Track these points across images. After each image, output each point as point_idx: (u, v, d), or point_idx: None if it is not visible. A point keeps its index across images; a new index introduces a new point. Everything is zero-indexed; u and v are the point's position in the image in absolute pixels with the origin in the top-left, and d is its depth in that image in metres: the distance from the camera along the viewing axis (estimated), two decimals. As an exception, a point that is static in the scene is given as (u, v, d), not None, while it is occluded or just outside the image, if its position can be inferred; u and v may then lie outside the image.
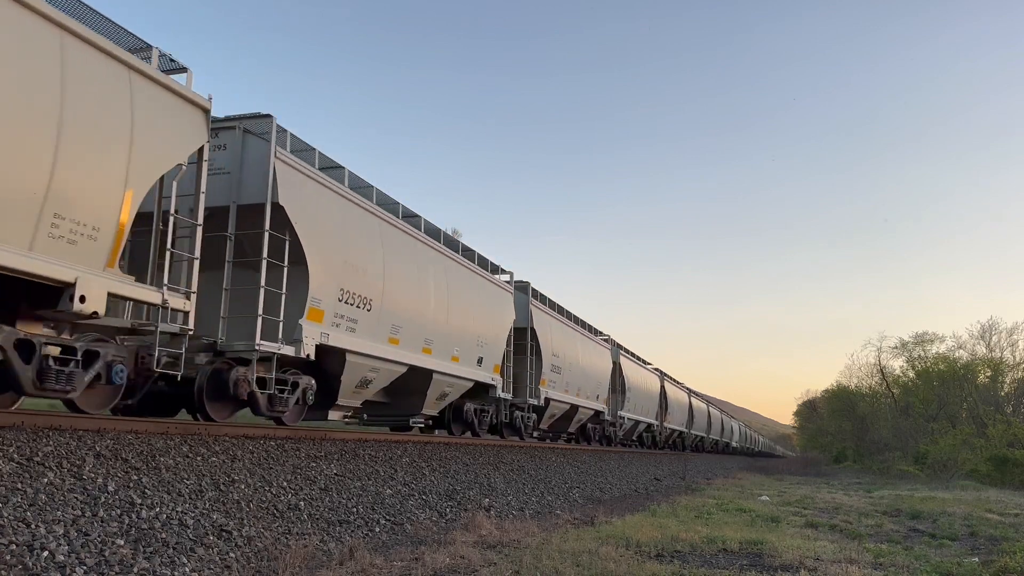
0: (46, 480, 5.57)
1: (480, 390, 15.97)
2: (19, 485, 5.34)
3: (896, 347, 58.22)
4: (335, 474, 8.76)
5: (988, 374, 47.98)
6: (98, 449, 6.44)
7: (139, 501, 5.89)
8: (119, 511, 5.61)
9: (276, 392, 9.71)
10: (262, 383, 9.54)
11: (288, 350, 9.58)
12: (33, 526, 4.92)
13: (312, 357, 9.95)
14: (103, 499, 5.68)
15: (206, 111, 8.41)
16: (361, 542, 6.90)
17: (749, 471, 35.02)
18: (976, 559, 7.91)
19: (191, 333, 8.25)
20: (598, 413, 24.96)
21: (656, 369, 36.23)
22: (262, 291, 9.24)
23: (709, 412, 50.29)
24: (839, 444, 65.02)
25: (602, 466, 19.19)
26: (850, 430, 62.89)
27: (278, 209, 9.41)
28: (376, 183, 12.20)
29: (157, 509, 5.92)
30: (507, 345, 17.12)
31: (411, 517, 8.56)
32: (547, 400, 19.43)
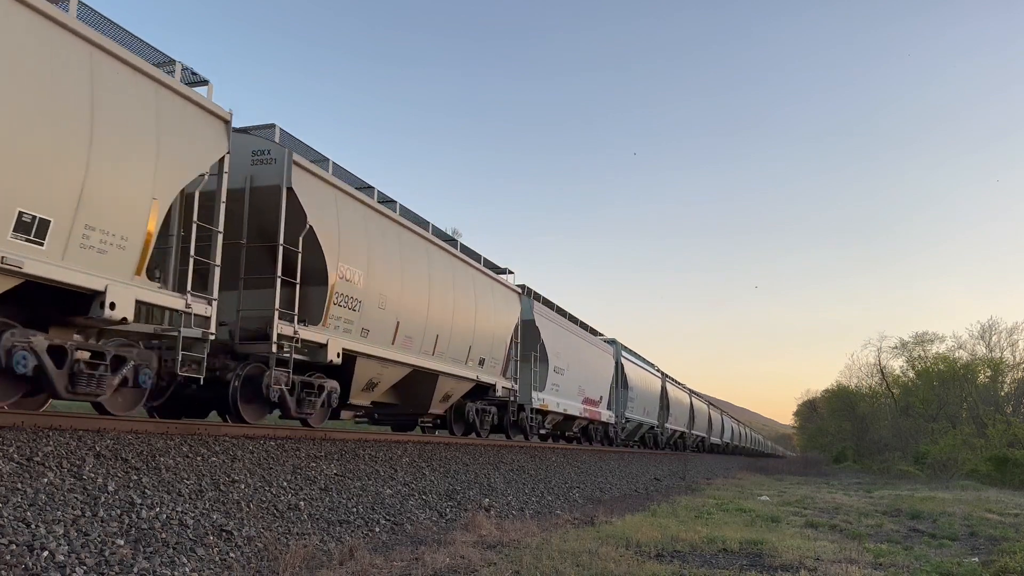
0: (46, 480, 5.57)
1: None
2: (19, 485, 5.34)
3: (896, 347, 58.35)
4: (335, 474, 8.77)
5: (988, 374, 48.01)
6: (98, 449, 6.44)
7: (139, 501, 5.89)
8: (119, 511, 5.62)
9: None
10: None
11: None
12: (33, 526, 4.92)
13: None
14: (103, 499, 5.68)
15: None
16: (361, 542, 6.90)
17: (749, 471, 35.03)
18: (976, 559, 7.91)
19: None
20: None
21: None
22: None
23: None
24: (839, 444, 65.06)
25: (602, 466, 19.19)
26: (850, 430, 62.94)
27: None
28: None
29: (157, 509, 5.92)
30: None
31: (411, 517, 8.56)
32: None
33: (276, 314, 9.37)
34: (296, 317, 9.66)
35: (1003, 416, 40.17)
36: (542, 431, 20.21)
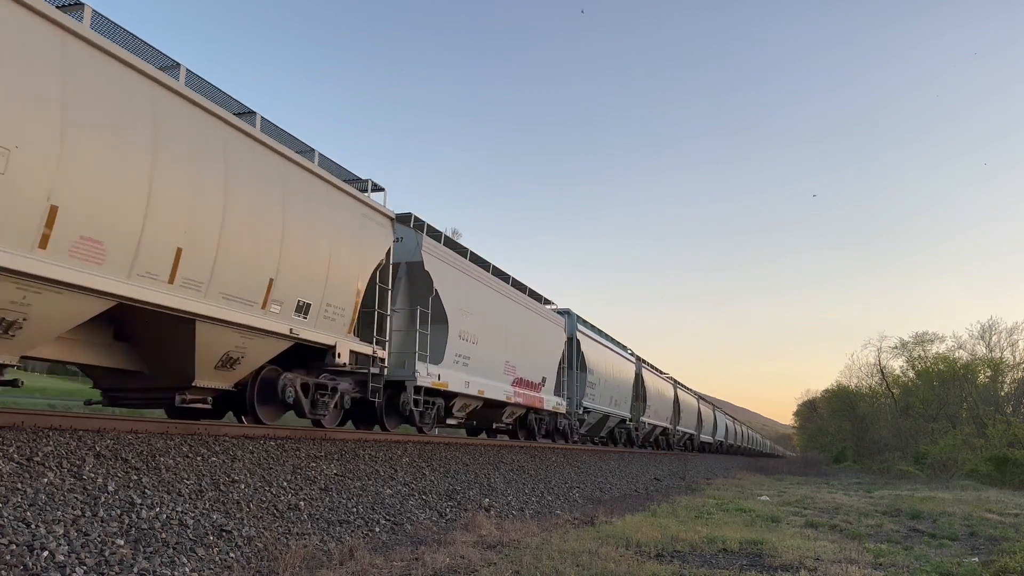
0: (46, 480, 5.57)
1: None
2: (19, 485, 5.34)
3: (896, 347, 58.35)
4: (335, 474, 8.77)
5: (988, 374, 48.01)
6: (98, 449, 6.45)
7: (139, 501, 5.89)
8: (119, 511, 5.62)
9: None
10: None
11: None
12: (33, 526, 4.92)
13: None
14: (103, 499, 5.68)
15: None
16: (361, 542, 6.90)
17: (749, 471, 35.03)
18: (976, 559, 7.91)
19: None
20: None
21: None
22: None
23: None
24: (839, 444, 65.07)
25: (602, 466, 19.19)
26: (850, 430, 62.94)
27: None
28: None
29: (157, 509, 5.92)
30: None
31: (411, 517, 8.56)
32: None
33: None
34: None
35: (1003, 416, 40.16)
36: (450, 421, 15.18)
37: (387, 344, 12.19)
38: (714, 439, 52.21)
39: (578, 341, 23.05)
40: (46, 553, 4.68)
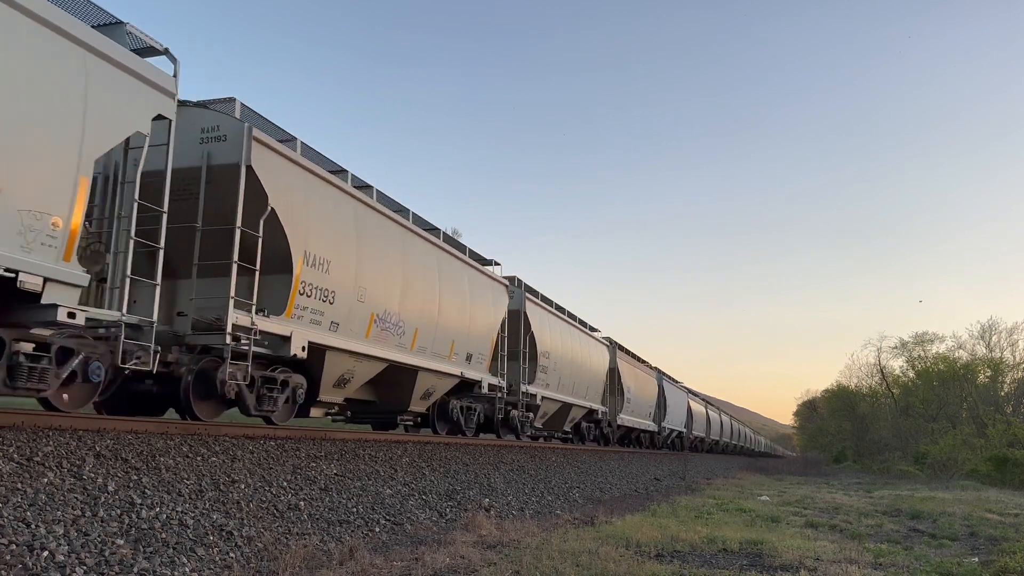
0: (46, 480, 5.57)
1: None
2: (19, 485, 5.34)
3: (896, 347, 58.36)
4: (335, 474, 8.77)
5: (988, 374, 48.02)
6: (98, 449, 6.45)
7: (139, 501, 5.89)
8: (119, 511, 5.62)
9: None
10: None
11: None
12: (33, 526, 4.92)
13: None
14: (103, 499, 5.68)
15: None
16: (361, 542, 6.90)
17: (749, 471, 35.03)
18: (976, 559, 7.91)
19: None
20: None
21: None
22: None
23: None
24: (839, 444, 65.06)
25: (602, 466, 19.19)
26: (850, 430, 62.94)
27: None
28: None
29: (157, 509, 5.92)
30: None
31: (411, 517, 8.56)
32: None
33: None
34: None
35: (1003, 416, 40.17)
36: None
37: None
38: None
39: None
40: (46, 553, 4.68)
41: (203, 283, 8.90)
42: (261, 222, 9.02)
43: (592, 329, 25.37)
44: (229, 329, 8.60)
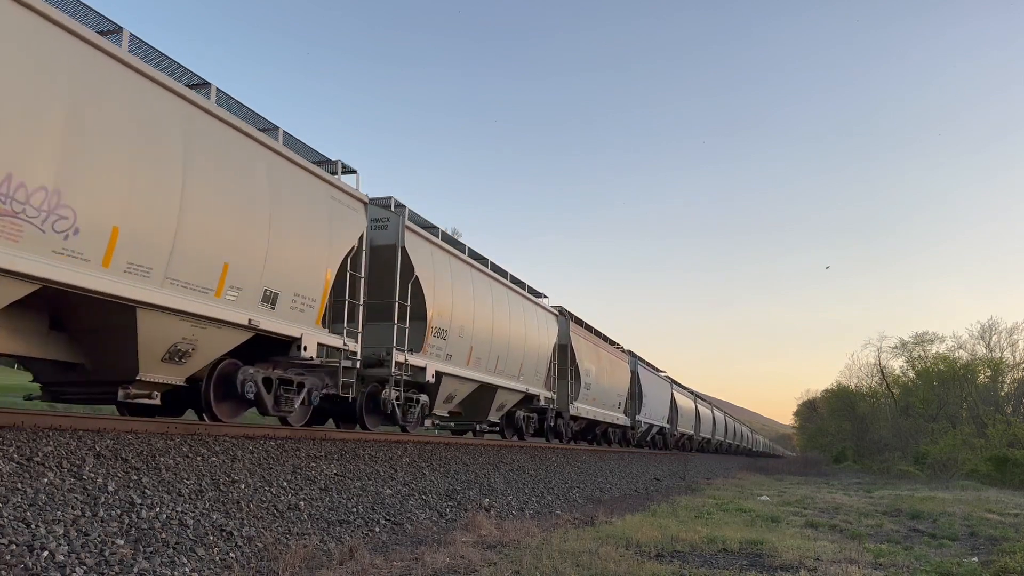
0: (46, 480, 5.57)
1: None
2: (19, 485, 5.34)
3: (896, 347, 58.37)
4: (335, 474, 8.77)
5: (988, 374, 48.03)
6: (98, 449, 6.44)
7: (139, 501, 5.89)
8: (119, 511, 5.62)
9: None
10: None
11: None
12: (33, 526, 4.92)
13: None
14: (103, 499, 5.68)
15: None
16: (361, 542, 6.90)
17: (749, 471, 35.02)
18: (976, 559, 7.91)
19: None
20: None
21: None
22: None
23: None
24: (839, 444, 65.06)
25: (602, 466, 19.19)
26: (850, 430, 62.95)
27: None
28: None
29: (157, 509, 5.92)
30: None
31: (411, 517, 8.56)
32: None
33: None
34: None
35: (1003, 416, 40.16)
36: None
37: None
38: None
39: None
40: (46, 553, 4.68)
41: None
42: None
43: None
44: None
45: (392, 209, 12.42)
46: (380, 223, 12.23)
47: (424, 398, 13.10)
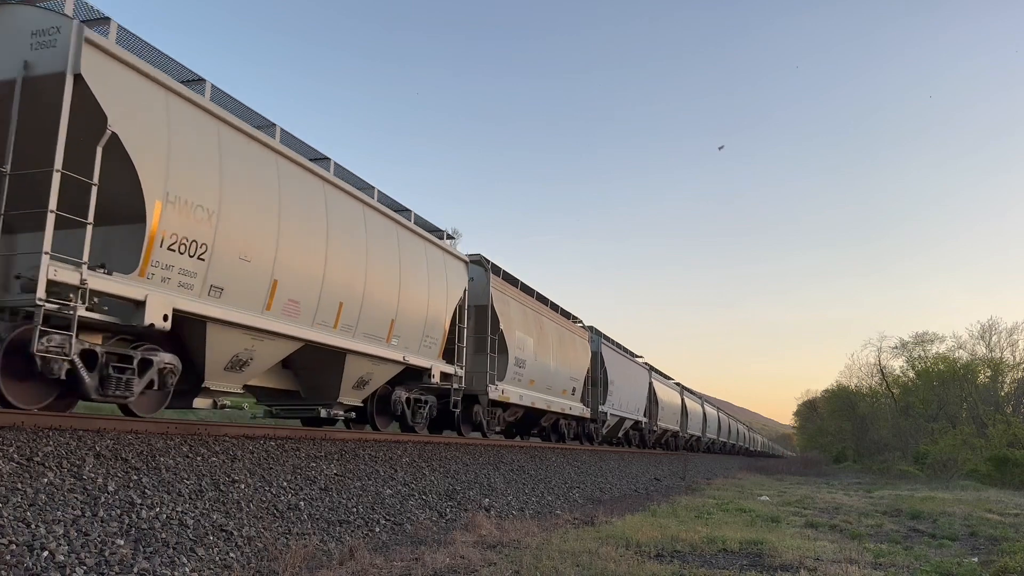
0: (46, 480, 5.57)
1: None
2: (19, 485, 5.34)
3: (896, 347, 58.41)
4: (335, 474, 8.77)
5: (988, 374, 48.06)
6: (98, 449, 6.44)
7: (139, 501, 5.89)
8: (119, 511, 5.62)
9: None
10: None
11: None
12: (33, 526, 4.92)
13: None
14: (103, 499, 5.68)
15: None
16: (361, 542, 6.90)
17: (749, 471, 35.03)
18: (976, 559, 7.91)
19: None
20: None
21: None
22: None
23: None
24: (839, 444, 65.10)
25: (602, 466, 19.20)
26: (850, 430, 62.98)
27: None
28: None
29: (157, 509, 5.92)
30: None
31: (411, 517, 8.56)
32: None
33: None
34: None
35: (1003, 416, 40.18)
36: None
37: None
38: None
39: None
40: (46, 553, 4.68)
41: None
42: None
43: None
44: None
45: (69, 14, 6.92)
46: (42, 38, 6.62)
47: (162, 358, 7.99)
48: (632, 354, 29.58)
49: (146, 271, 7.45)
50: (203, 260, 8.10)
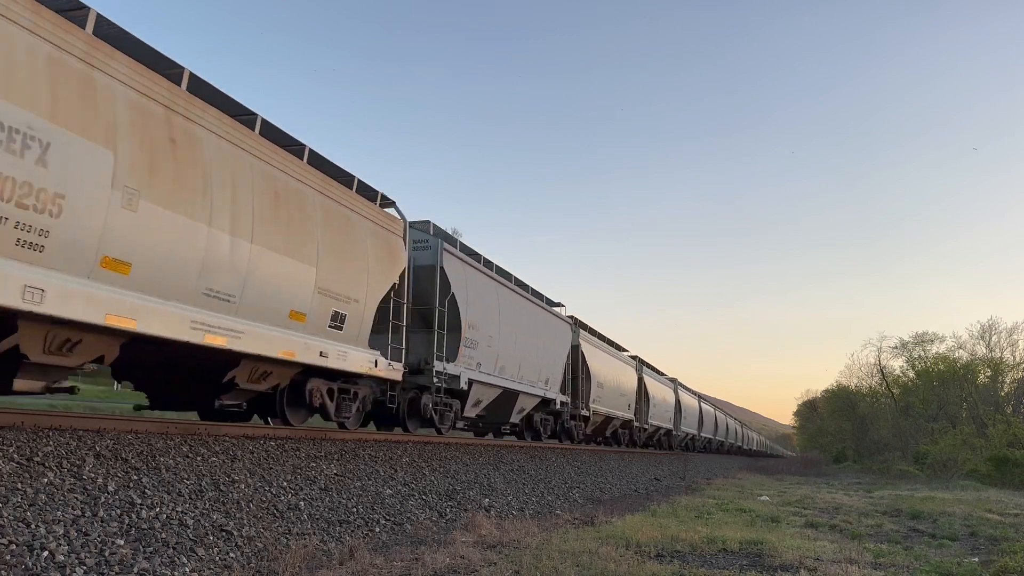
0: (46, 480, 5.57)
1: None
2: (19, 485, 5.34)
3: (896, 347, 58.38)
4: (335, 474, 8.76)
5: (988, 374, 48.04)
6: (98, 449, 6.44)
7: (139, 501, 5.89)
8: (119, 511, 5.62)
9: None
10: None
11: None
12: (33, 526, 4.92)
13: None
14: (103, 499, 5.68)
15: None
16: (361, 542, 6.90)
17: (749, 471, 35.02)
18: (976, 559, 7.91)
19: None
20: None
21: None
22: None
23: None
24: (839, 444, 65.08)
25: (602, 466, 19.19)
26: (850, 430, 62.97)
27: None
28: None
29: (157, 509, 5.92)
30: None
31: (411, 517, 8.56)
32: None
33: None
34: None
35: (1003, 416, 40.16)
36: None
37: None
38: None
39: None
40: (46, 553, 4.68)
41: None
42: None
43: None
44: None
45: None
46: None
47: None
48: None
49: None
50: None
